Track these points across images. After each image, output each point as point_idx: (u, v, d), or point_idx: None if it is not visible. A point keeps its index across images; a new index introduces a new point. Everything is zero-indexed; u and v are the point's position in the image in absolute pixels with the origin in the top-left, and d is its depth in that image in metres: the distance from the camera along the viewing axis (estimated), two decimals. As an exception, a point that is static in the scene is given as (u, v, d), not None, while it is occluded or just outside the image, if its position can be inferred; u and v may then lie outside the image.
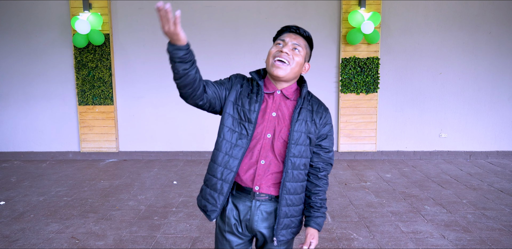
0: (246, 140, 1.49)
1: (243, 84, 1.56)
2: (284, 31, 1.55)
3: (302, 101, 1.54)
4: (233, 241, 1.57)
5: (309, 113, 1.54)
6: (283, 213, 1.51)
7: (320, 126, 1.56)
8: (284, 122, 1.52)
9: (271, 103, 1.53)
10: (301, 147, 1.51)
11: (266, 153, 1.50)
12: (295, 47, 1.50)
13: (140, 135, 5.88)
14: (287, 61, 1.48)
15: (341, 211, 3.61)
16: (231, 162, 1.49)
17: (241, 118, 1.50)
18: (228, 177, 1.50)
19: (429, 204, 3.79)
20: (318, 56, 5.68)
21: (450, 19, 5.57)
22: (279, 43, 1.51)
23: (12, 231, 3.19)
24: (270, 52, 1.51)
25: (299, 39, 1.52)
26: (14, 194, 4.18)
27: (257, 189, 1.51)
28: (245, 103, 1.51)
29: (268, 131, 1.51)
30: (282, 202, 1.50)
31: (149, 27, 5.68)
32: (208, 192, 1.55)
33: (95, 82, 5.68)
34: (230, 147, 1.50)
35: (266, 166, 1.50)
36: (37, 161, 5.80)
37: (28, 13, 5.70)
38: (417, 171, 5.07)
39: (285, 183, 1.49)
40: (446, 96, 5.71)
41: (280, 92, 1.54)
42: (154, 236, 3.09)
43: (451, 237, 3.04)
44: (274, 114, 1.52)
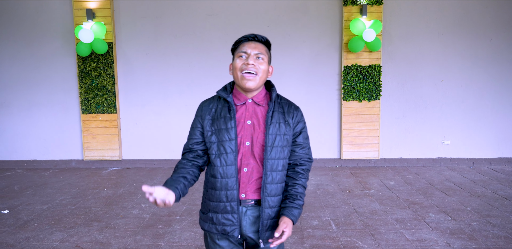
0: (234, 156, 1.55)
1: (211, 109, 1.61)
2: (241, 41, 1.60)
3: (274, 105, 1.60)
4: (225, 245, 1.62)
5: (281, 115, 1.60)
6: (266, 215, 1.56)
7: (293, 125, 1.62)
8: (260, 128, 1.58)
9: (244, 112, 1.59)
10: (277, 149, 1.56)
11: (247, 160, 1.56)
12: (258, 56, 1.55)
13: (143, 143, 5.89)
14: (255, 72, 1.54)
15: (345, 219, 3.60)
16: (230, 182, 1.55)
17: (223, 139, 1.55)
18: (234, 196, 1.55)
19: (434, 211, 3.78)
20: (320, 64, 5.71)
21: (451, 26, 5.61)
22: (241, 56, 1.56)
23: (16, 240, 3.19)
24: (235, 66, 1.57)
25: (259, 46, 1.58)
26: (18, 203, 4.18)
27: (243, 197, 1.57)
28: (221, 124, 1.57)
29: (246, 138, 1.57)
30: (265, 204, 1.56)
31: (152, 36, 5.73)
32: (221, 217, 1.57)
33: (98, 91, 5.72)
34: (223, 170, 1.55)
35: (249, 173, 1.56)
36: (40, 169, 5.81)
37: (32, 22, 5.76)
38: (420, 178, 5.06)
39: (265, 185, 1.55)
40: (448, 103, 5.72)
41: (252, 100, 1.61)
42: (158, 245, 3.08)
43: (457, 245, 3.03)
44: (249, 122, 1.58)
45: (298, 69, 5.73)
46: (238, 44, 1.60)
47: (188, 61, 5.75)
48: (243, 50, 1.56)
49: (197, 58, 5.74)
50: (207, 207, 1.62)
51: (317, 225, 3.46)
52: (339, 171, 5.47)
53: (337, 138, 5.81)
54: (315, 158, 5.83)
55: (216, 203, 1.58)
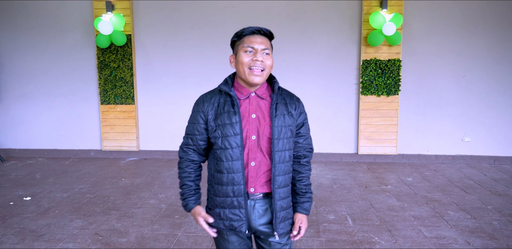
0: (240, 151, 1.54)
1: (213, 104, 1.59)
2: (245, 34, 1.54)
3: (277, 97, 1.59)
4: (235, 241, 1.63)
5: (284, 106, 1.60)
6: (278, 207, 1.57)
7: (296, 116, 1.62)
8: (265, 120, 1.56)
9: (248, 106, 1.58)
10: (284, 140, 1.57)
11: (254, 154, 1.56)
12: (265, 51, 1.54)
13: (160, 134, 5.95)
14: (263, 68, 1.53)
15: (362, 214, 3.57)
16: (236, 177, 1.55)
17: (227, 134, 1.54)
18: (240, 191, 1.55)
19: (453, 209, 3.72)
20: (338, 58, 5.64)
21: (475, 20, 5.46)
22: (248, 51, 1.53)
23: (38, 226, 3.27)
24: (241, 61, 1.53)
25: (265, 40, 1.55)
26: (39, 190, 4.28)
27: (252, 191, 1.57)
28: (224, 119, 1.55)
29: (252, 132, 1.56)
30: (276, 196, 1.56)
31: (170, 28, 5.75)
32: (228, 212, 1.58)
33: (117, 82, 5.78)
34: (230, 165, 1.54)
35: (256, 167, 1.56)
36: (61, 158, 5.93)
37: (53, 15, 5.84)
38: (439, 175, 4.98)
39: (275, 178, 1.56)
40: (470, 99, 5.59)
41: (255, 94, 1.59)
42: (175, 235, 3.12)
43: (477, 244, 2.98)
44: (253, 116, 1.57)
45: (316, 63, 5.67)
46: (242, 37, 1.55)
47: (205, 53, 5.75)
48: (250, 45, 1.52)
49: (214, 51, 5.73)
50: (213, 202, 1.62)
51: (333, 219, 3.45)
52: (355, 166, 5.43)
53: (354, 133, 5.75)
54: (332, 152, 5.79)
55: (222, 198, 1.57)
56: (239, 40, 1.56)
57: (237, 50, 1.56)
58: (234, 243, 1.64)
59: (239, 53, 1.55)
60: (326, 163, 5.62)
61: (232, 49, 1.63)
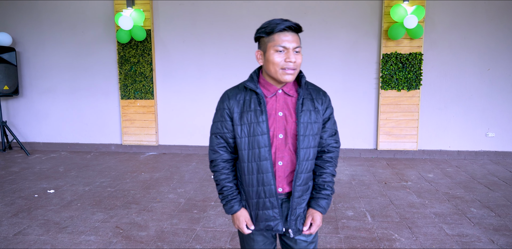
0: (268, 151, 1.50)
1: (239, 101, 1.53)
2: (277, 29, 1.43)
3: (303, 92, 1.55)
4: (260, 240, 1.63)
5: (310, 102, 1.55)
6: (295, 203, 1.55)
7: (322, 111, 1.57)
8: (292, 118, 1.52)
9: (275, 103, 1.53)
10: (309, 137, 1.52)
11: (281, 154, 1.52)
12: (296, 50, 1.46)
13: (179, 129, 6.00)
14: (295, 68, 1.47)
15: (381, 211, 3.53)
16: (266, 178, 1.51)
17: (254, 134, 1.49)
18: (272, 191, 1.52)
19: (476, 206, 3.63)
20: (358, 52, 5.55)
21: (501, 11, 5.27)
22: (280, 50, 1.44)
23: (62, 218, 3.36)
24: (273, 61, 1.45)
25: (295, 37, 1.46)
26: (62, 183, 4.39)
27: (280, 191, 1.55)
28: (251, 118, 1.50)
29: (279, 131, 1.52)
30: (295, 193, 1.54)
31: (189, 23, 5.76)
32: (262, 214, 1.56)
33: (137, 77, 5.84)
34: (258, 166, 1.51)
35: (284, 167, 1.53)
36: (82, 152, 6.06)
37: (75, 11, 5.93)
38: (461, 171, 4.87)
39: (298, 175, 1.52)
40: (495, 93, 5.43)
41: (282, 91, 1.54)
42: (194, 229, 3.15)
43: (501, 242, 2.90)
44: (280, 114, 1.52)
45: (335, 56, 5.60)
46: (271, 34, 1.45)
47: (224, 48, 5.75)
48: (282, 44, 1.43)
49: (233, 45, 5.72)
50: (247, 205, 1.60)
51: (352, 216, 3.42)
52: (374, 162, 5.36)
53: (374, 128, 5.67)
54: (350, 148, 5.73)
55: (255, 200, 1.55)
56: (268, 37, 1.47)
57: (266, 48, 1.47)
58: (259, 243, 1.64)
59: (269, 52, 1.46)
60: (344, 159, 5.56)
61: (257, 43, 1.54)
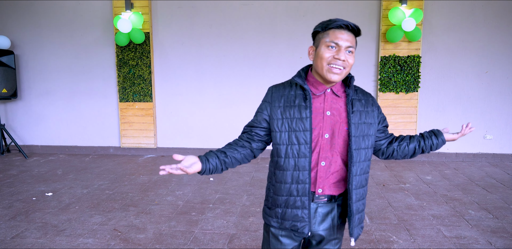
0: (308, 148, 1.45)
1: (281, 96, 1.51)
2: (332, 27, 1.42)
3: (352, 93, 1.52)
4: (288, 243, 1.56)
5: (359, 103, 1.52)
6: (355, 209, 1.49)
7: (376, 113, 1.56)
8: (341, 118, 1.48)
9: (323, 102, 1.49)
10: (360, 138, 1.48)
11: (325, 154, 1.48)
12: (349, 49, 1.42)
13: (178, 132, 6.01)
14: (343, 67, 1.43)
15: (379, 213, 3.53)
16: (301, 175, 1.47)
17: (295, 129, 1.46)
18: (305, 190, 1.47)
19: (474, 208, 3.64)
20: (356, 54, 5.56)
21: (498, 15, 5.30)
22: (331, 46, 1.41)
23: (59, 221, 3.35)
24: (322, 56, 1.42)
25: (351, 37, 1.43)
26: (60, 186, 4.38)
27: (320, 192, 1.50)
28: (294, 113, 1.46)
29: (326, 131, 1.47)
30: (353, 197, 1.48)
31: (188, 26, 5.78)
32: (290, 212, 1.51)
33: (135, 80, 5.85)
34: (295, 162, 1.47)
35: (326, 167, 1.48)
36: (81, 155, 6.06)
37: (74, 13, 5.95)
38: (459, 173, 4.88)
39: (352, 177, 1.47)
40: (492, 96, 5.44)
41: (331, 90, 1.51)
42: (192, 231, 3.15)
43: (499, 244, 2.91)
44: (328, 113, 1.48)
45: (333, 59, 5.60)
46: (326, 29, 1.43)
47: (222, 51, 5.77)
48: (335, 40, 1.40)
49: (232, 48, 5.74)
50: (275, 202, 1.54)
51: (350, 217, 3.41)
52: (373, 164, 5.36)
53: (372, 130, 5.67)
54: (349, 150, 5.73)
55: (285, 197, 1.50)
56: (322, 32, 1.44)
57: (319, 43, 1.45)
58: (287, 246, 1.56)
59: (320, 47, 1.43)
60: (343, 161, 5.56)
61: (313, 39, 1.52)
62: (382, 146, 1.66)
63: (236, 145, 1.58)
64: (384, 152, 1.67)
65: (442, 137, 1.63)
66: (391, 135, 1.69)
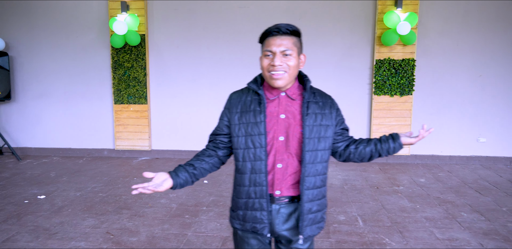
0: (264, 151, 1.50)
1: (238, 102, 1.57)
2: (266, 35, 1.49)
3: (309, 96, 1.55)
4: (255, 244, 1.61)
5: (316, 105, 1.55)
6: (306, 209, 1.52)
7: (334, 115, 1.58)
8: (295, 121, 1.52)
9: (277, 106, 1.53)
10: (315, 140, 1.51)
11: (281, 156, 1.52)
12: (285, 53, 1.46)
13: (172, 134, 5.99)
14: (283, 71, 1.47)
15: (372, 215, 3.54)
16: (258, 178, 1.52)
17: (250, 133, 1.51)
18: (263, 193, 1.52)
19: (466, 211, 3.65)
20: (351, 57, 5.59)
21: (492, 19, 5.34)
22: (267, 55, 1.47)
23: (52, 224, 3.33)
24: (262, 65, 1.50)
25: (285, 41, 1.46)
26: (53, 189, 4.36)
27: (278, 193, 1.53)
28: (250, 117, 1.52)
29: (280, 134, 1.52)
30: (304, 197, 1.52)
31: (184, 28, 5.78)
32: (250, 214, 1.56)
33: (131, 82, 5.84)
34: (252, 166, 1.52)
35: (283, 169, 1.52)
36: (75, 157, 6.03)
37: (70, 15, 5.94)
38: (453, 176, 4.90)
39: (304, 179, 1.51)
40: (486, 99, 5.48)
41: (285, 94, 1.55)
42: (185, 234, 3.14)
43: (490, 246, 2.92)
44: (283, 116, 1.52)
45: (329, 62, 5.64)
46: (264, 40, 1.51)
47: (219, 53, 5.77)
48: (268, 48, 1.46)
49: (228, 51, 5.75)
50: (237, 204, 1.60)
51: (343, 220, 3.42)
52: (367, 167, 5.38)
53: (367, 133, 5.70)
54: (343, 153, 5.74)
55: (245, 200, 1.55)
56: (263, 43, 1.52)
57: (262, 53, 1.52)
58: (253, 247, 1.61)
59: (261, 57, 1.51)
60: (337, 164, 5.58)
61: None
62: (339, 148, 1.67)
63: (203, 155, 1.64)
64: (341, 154, 1.68)
65: (399, 140, 1.61)
66: (350, 137, 1.70)
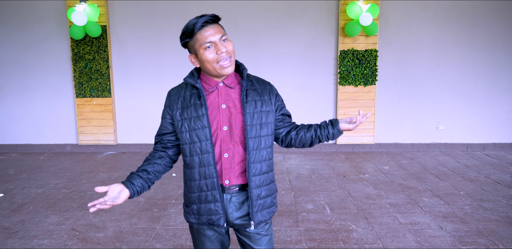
0: (209, 144, 1.50)
1: (178, 99, 1.56)
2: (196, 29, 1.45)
3: (246, 83, 1.56)
4: (211, 235, 1.62)
5: (255, 92, 1.56)
6: (254, 195, 1.54)
7: (274, 100, 1.60)
8: (236, 109, 1.53)
9: (217, 97, 1.54)
10: (257, 126, 1.53)
11: (227, 146, 1.53)
12: (223, 38, 1.47)
13: (138, 127, 5.87)
14: (229, 57, 1.48)
15: (339, 203, 3.64)
16: (207, 171, 1.52)
17: (194, 128, 1.51)
18: (214, 184, 1.52)
19: (427, 195, 3.82)
20: (316, 48, 5.66)
21: (448, 11, 5.55)
22: (208, 47, 1.46)
23: (11, 223, 3.20)
24: (207, 59, 1.46)
25: (216, 27, 1.47)
26: (12, 186, 4.17)
27: (227, 183, 1.54)
28: (191, 112, 1.52)
29: (223, 123, 1.53)
30: (251, 184, 1.53)
31: (146, 19, 5.63)
32: (204, 207, 1.56)
33: (93, 75, 5.65)
34: (199, 159, 1.52)
35: (230, 159, 1.53)
36: (35, 153, 5.79)
37: (25, 5, 5.63)
38: (414, 163, 5.10)
39: (250, 165, 1.52)
40: (444, 89, 5.72)
41: (223, 84, 1.55)
42: (154, 228, 3.10)
43: (449, 228, 3.08)
44: (224, 106, 1.53)
45: (294, 53, 5.67)
46: (193, 35, 1.46)
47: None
48: (207, 40, 1.44)
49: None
50: (190, 199, 1.60)
51: (311, 209, 3.50)
52: (334, 156, 5.50)
53: (333, 123, 5.81)
54: (311, 143, 5.84)
55: (197, 194, 1.55)
56: (192, 40, 1.48)
57: (196, 49, 1.48)
58: (211, 237, 1.62)
59: (199, 52, 1.47)
60: (305, 154, 5.67)
61: (187, 49, 1.53)
62: (280, 134, 1.69)
63: (154, 158, 1.63)
64: (283, 140, 1.71)
65: (338, 126, 1.64)
66: (292, 123, 1.71)
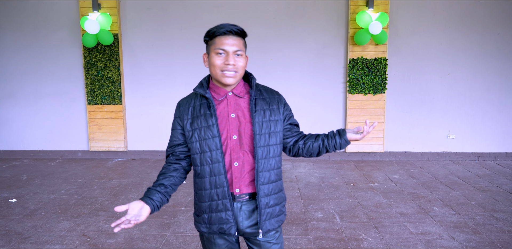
0: (220, 153, 1.52)
1: (188, 109, 1.58)
2: (217, 34, 1.49)
3: (255, 93, 1.58)
4: (221, 243, 1.62)
5: (263, 101, 1.58)
6: (263, 204, 1.55)
7: (281, 110, 1.61)
8: (245, 118, 1.55)
9: (226, 106, 1.56)
10: (266, 135, 1.55)
11: (236, 155, 1.54)
12: (237, 53, 1.49)
13: (149, 134, 5.92)
14: (235, 71, 1.50)
15: (349, 212, 3.62)
16: (218, 180, 1.53)
17: (204, 137, 1.53)
18: (225, 193, 1.53)
19: (438, 205, 3.79)
20: (325, 57, 5.68)
21: (458, 19, 5.55)
22: (219, 53, 1.49)
23: (24, 228, 3.24)
24: (214, 63, 1.50)
25: (237, 41, 1.50)
26: (25, 192, 4.23)
27: (237, 192, 1.55)
28: (201, 122, 1.54)
29: (233, 132, 1.54)
30: (260, 192, 1.54)
31: (157, 27, 5.72)
32: (215, 216, 1.57)
33: (104, 82, 5.73)
34: (210, 169, 1.53)
35: (240, 167, 1.54)
36: (47, 160, 5.86)
37: (39, 13, 5.76)
38: (425, 172, 5.06)
39: (258, 174, 1.53)
40: (454, 97, 5.69)
41: (232, 93, 1.57)
42: (164, 235, 3.12)
43: (461, 238, 3.04)
44: (233, 115, 1.55)
45: (303, 61, 5.71)
46: (213, 37, 1.50)
47: (193, 53, 5.74)
48: (221, 47, 1.47)
49: (203, 50, 5.69)
50: (200, 208, 1.61)
51: (321, 217, 3.49)
52: (343, 164, 5.48)
53: (342, 131, 5.80)
54: (320, 151, 5.83)
55: (208, 203, 1.57)
56: (211, 40, 1.52)
57: (210, 51, 1.52)
58: (221, 246, 1.62)
59: (211, 55, 1.51)
60: (314, 162, 5.66)
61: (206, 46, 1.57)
62: (288, 143, 1.70)
63: (169, 171, 1.63)
64: (290, 149, 1.71)
65: (345, 137, 1.63)
66: (300, 133, 1.72)
